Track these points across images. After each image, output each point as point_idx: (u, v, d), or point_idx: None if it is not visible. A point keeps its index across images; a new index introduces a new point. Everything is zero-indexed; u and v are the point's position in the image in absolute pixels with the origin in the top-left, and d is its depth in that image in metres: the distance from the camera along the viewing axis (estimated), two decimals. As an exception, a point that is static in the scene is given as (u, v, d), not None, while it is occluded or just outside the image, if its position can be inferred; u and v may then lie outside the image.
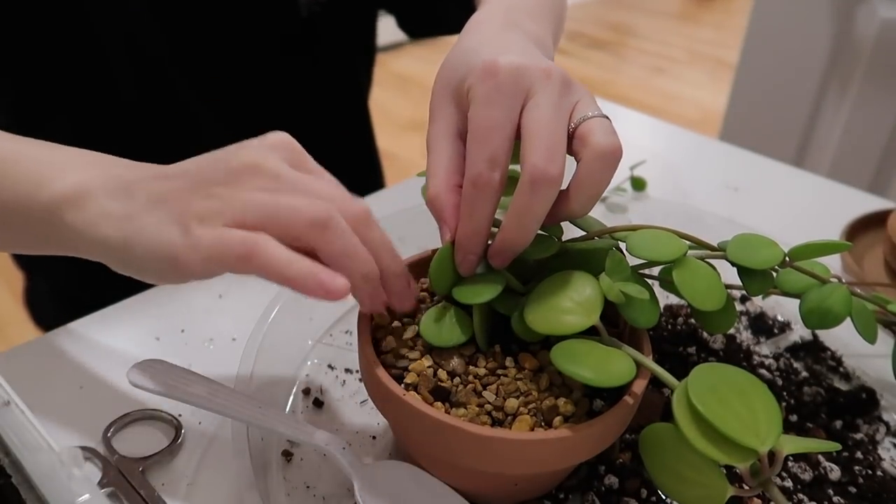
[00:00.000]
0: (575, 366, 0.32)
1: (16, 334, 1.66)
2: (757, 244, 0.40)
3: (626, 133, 0.86)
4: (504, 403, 0.35)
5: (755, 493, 0.30)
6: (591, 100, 0.37)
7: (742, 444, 0.28)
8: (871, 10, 1.39)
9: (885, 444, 0.44)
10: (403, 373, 0.37)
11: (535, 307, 0.35)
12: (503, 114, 0.35)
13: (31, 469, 0.35)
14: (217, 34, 0.66)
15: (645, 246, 0.37)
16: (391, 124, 2.74)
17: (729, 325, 0.41)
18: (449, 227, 0.37)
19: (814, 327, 0.42)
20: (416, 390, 0.36)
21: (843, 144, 1.51)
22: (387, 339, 0.39)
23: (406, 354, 0.38)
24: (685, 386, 0.30)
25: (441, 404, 0.35)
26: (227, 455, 0.42)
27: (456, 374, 0.37)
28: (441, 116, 0.39)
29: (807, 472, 0.41)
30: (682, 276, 0.37)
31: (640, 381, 0.35)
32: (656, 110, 2.85)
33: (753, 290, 0.40)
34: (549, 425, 0.35)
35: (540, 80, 0.36)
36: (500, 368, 0.37)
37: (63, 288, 0.78)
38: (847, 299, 0.41)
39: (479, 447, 0.33)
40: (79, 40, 0.59)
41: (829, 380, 0.49)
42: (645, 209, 0.67)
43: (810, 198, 0.73)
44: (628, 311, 0.36)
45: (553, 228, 0.39)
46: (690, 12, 4.14)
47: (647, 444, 0.33)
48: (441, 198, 0.37)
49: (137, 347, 0.49)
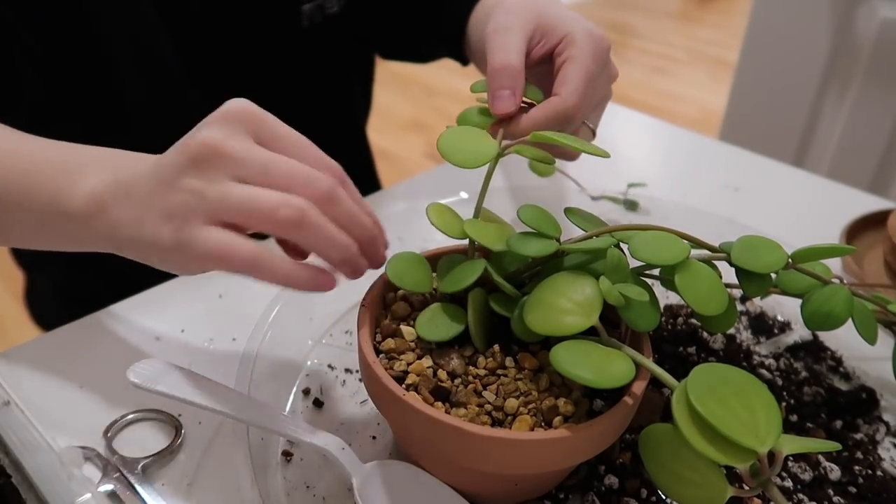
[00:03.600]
0: (574, 367, 0.32)
1: (16, 334, 1.66)
2: (760, 247, 0.40)
3: (626, 133, 0.86)
4: (504, 403, 0.35)
5: (755, 493, 0.30)
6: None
7: (742, 444, 0.28)
8: (871, 10, 1.39)
9: (885, 444, 0.44)
10: (403, 374, 0.37)
11: (535, 308, 0.35)
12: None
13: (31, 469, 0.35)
14: (220, 36, 0.66)
15: (647, 248, 0.37)
16: (391, 124, 2.74)
17: (729, 325, 0.41)
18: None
19: (816, 329, 0.42)
20: (416, 391, 0.36)
21: (843, 144, 1.51)
22: (386, 340, 0.39)
23: (404, 357, 0.38)
24: (684, 387, 0.30)
25: (441, 404, 0.35)
26: (227, 455, 0.42)
27: (456, 375, 0.37)
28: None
29: (807, 472, 0.41)
30: (685, 279, 0.37)
31: (640, 383, 0.35)
32: (656, 110, 2.85)
33: (752, 291, 0.40)
34: (549, 425, 0.35)
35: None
36: (500, 368, 0.37)
37: (63, 287, 0.78)
38: (849, 301, 0.41)
39: (480, 447, 0.33)
40: (85, 41, 0.59)
41: (829, 380, 0.49)
42: (645, 209, 0.67)
43: (810, 198, 0.73)
44: (628, 314, 0.36)
45: (551, 227, 0.39)
46: (690, 12, 4.14)
47: (646, 444, 0.33)
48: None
49: (137, 347, 0.49)
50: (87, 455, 0.40)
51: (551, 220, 0.39)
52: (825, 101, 1.53)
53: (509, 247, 0.38)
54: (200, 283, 0.56)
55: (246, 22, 0.67)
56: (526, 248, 0.38)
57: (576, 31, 0.48)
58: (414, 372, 0.37)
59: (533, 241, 0.38)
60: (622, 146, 0.82)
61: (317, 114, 0.77)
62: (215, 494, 0.40)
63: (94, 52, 0.60)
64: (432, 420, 0.33)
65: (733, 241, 0.41)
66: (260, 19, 0.68)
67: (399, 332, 0.39)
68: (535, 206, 0.40)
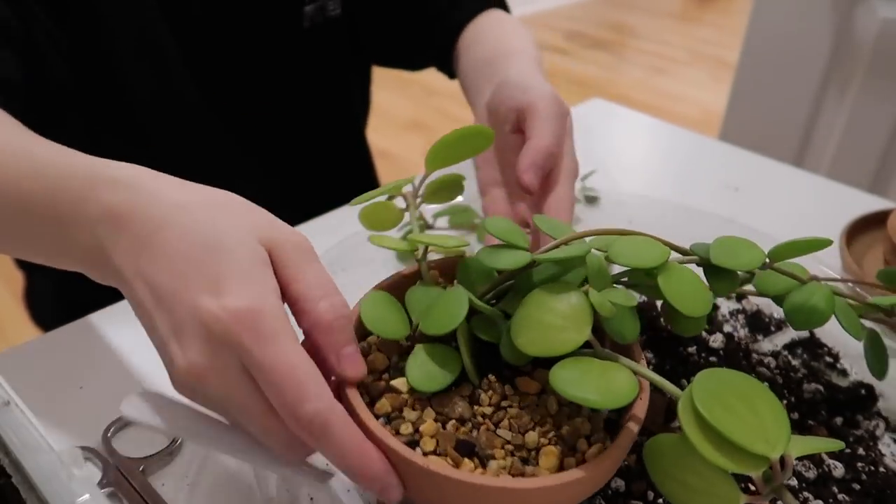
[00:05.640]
0: (578, 389, 0.31)
1: (16, 334, 1.67)
2: (737, 246, 0.40)
3: (626, 133, 0.86)
4: (524, 440, 0.34)
5: (768, 498, 0.29)
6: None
7: (753, 451, 0.27)
8: (871, 10, 1.39)
9: (885, 440, 0.45)
10: (415, 436, 0.33)
11: (523, 329, 0.34)
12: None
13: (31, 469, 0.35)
14: (222, 35, 0.66)
15: (628, 253, 0.36)
16: (391, 124, 2.74)
17: (700, 328, 0.40)
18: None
19: (801, 327, 0.42)
20: (435, 453, 0.33)
21: (843, 144, 1.51)
22: (380, 401, 0.34)
23: (405, 416, 0.34)
24: (690, 395, 0.29)
25: (469, 461, 0.32)
26: (226, 455, 0.42)
27: (464, 420, 0.34)
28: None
29: (811, 471, 0.41)
30: (668, 281, 0.36)
31: (641, 403, 0.34)
32: (656, 110, 2.85)
33: (720, 289, 0.39)
34: (573, 450, 0.34)
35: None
36: (503, 400, 0.35)
37: (63, 288, 0.78)
38: (829, 297, 0.41)
39: (523, 499, 0.31)
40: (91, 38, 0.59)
41: (827, 376, 0.49)
42: (645, 209, 0.67)
43: (810, 198, 0.73)
44: (612, 325, 0.35)
45: (520, 238, 0.37)
46: (690, 12, 4.14)
47: (652, 455, 0.32)
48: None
49: (137, 347, 0.49)
50: (87, 455, 0.40)
51: (518, 230, 0.38)
52: (825, 102, 1.53)
53: (481, 261, 0.36)
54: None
55: (248, 22, 0.67)
56: (498, 261, 0.36)
57: (537, 99, 0.49)
58: (427, 434, 0.33)
59: (505, 253, 0.36)
60: (622, 146, 0.82)
61: (317, 115, 0.77)
62: (215, 494, 0.40)
63: (96, 44, 0.60)
64: (476, 487, 0.30)
65: (703, 243, 0.41)
66: (262, 19, 0.68)
67: (390, 387, 0.35)
68: (501, 218, 0.38)
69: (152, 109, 0.65)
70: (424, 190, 0.44)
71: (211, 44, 0.66)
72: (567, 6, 4.22)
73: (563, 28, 3.85)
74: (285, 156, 0.77)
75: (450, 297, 0.35)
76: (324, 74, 0.75)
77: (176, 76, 0.65)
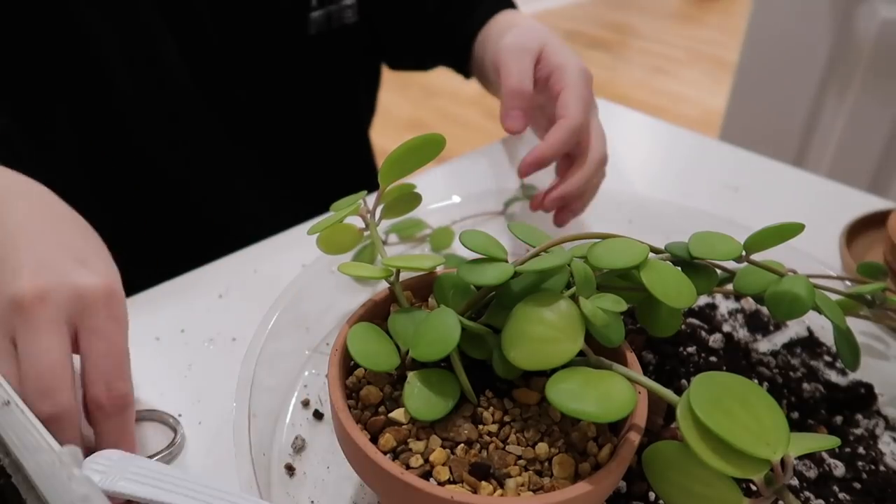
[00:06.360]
0: (576, 402, 0.31)
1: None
2: (715, 240, 0.40)
3: (626, 133, 0.86)
4: (535, 452, 0.33)
5: (770, 500, 0.29)
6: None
7: (754, 455, 0.27)
8: (871, 10, 1.39)
9: (884, 439, 0.45)
10: (425, 466, 0.33)
11: (515, 343, 0.33)
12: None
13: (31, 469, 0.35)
14: (226, 41, 0.67)
15: (607, 256, 0.36)
16: (391, 124, 2.74)
17: (676, 328, 0.40)
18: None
19: (783, 317, 0.41)
20: (450, 482, 0.32)
21: (843, 144, 1.51)
22: (384, 437, 0.33)
23: (412, 447, 0.33)
24: (688, 401, 0.29)
25: (487, 483, 0.32)
26: (227, 456, 0.42)
27: (472, 442, 0.34)
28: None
29: (812, 470, 0.41)
30: (651, 277, 0.36)
31: (640, 411, 0.34)
32: (656, 110, 2.85)
33: (699, 287, 0.39)
34: (583, 454, 0.33)
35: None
36: (505, 415, 0.35)
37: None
38: (809, 287, 0.41)
39: None
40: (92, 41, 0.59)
41: (825, 375, 0.49)
42: (645, 209, 0.67)
43: (810, 198, 0.73)
44: (600, 330, 0.35)
45: (498, 250, 0.37)
46: (690, 12, 4.14)
47: (651, 464, 0.32)
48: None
49: (137, 347, 0.49)
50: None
51: (495, 242, 0.37)
52: (825, 102, 1.53)
53: (461, 278, 0.36)
54: (200, 283, 0.56)
55: (252, 28, 0.67)
56: (482, 276, 0.35)
57: (568, 63, 0.56)
58: (438, 463, 0.32)
59: (487, 268, 0.35)
60: (622, 146, 0.82)
61: (321, 118, 0.77)
62: (215, 494, 0.40)
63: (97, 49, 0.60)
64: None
65: (679, 242, 0.41)
66: (267, 25, 0.68)
67: (391, 420, 0.34)
68: (477, 231, 0.38)
69: (152, 111, 0.65)
70: (382, 206, 0.43)
71: (213, 46, 0.66)
72: (567, 6, 4.22)
73: (563, 28, 3.84)
74: (286, 156, 0.77)
75: (437, 320, 0.34)
76: (331, 79, 0.75)
77: (176, 76, 0.65)
